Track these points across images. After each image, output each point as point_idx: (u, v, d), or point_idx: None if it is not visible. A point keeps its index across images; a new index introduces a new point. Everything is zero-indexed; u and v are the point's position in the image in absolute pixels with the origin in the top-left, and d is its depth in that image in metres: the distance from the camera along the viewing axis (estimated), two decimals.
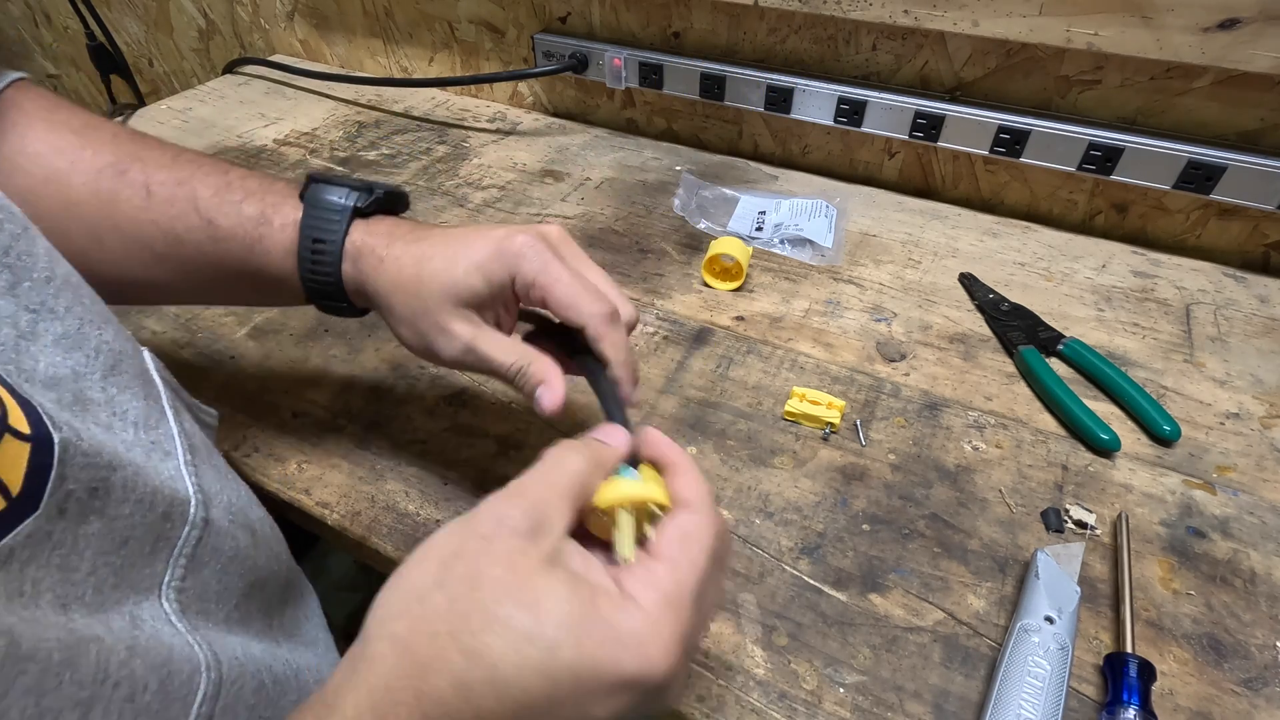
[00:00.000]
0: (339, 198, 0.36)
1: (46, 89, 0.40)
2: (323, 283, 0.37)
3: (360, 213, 0.37)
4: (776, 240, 0.66)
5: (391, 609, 0.23)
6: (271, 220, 0.37)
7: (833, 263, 0.64)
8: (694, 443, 0.49)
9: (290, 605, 0.41)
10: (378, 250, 0.36)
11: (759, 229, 0.67)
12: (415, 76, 0.96)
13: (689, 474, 0.28)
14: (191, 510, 0.30)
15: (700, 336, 0.57)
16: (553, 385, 0.34)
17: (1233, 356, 0.55)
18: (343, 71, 0.99)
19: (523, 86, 0.90)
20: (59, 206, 0.37)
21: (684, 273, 0.64)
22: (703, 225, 0.68)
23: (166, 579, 0.29)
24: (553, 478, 0.26)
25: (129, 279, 0.39)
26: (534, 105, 0.91)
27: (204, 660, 0.28)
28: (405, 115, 0.89)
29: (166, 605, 0.29)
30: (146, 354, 0.33)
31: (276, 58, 1.03)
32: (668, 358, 0.55)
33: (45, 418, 0.23)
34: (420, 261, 0.35)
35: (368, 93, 0.94)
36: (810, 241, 0.65)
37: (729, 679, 0.37)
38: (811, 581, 0.41)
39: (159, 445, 0.31)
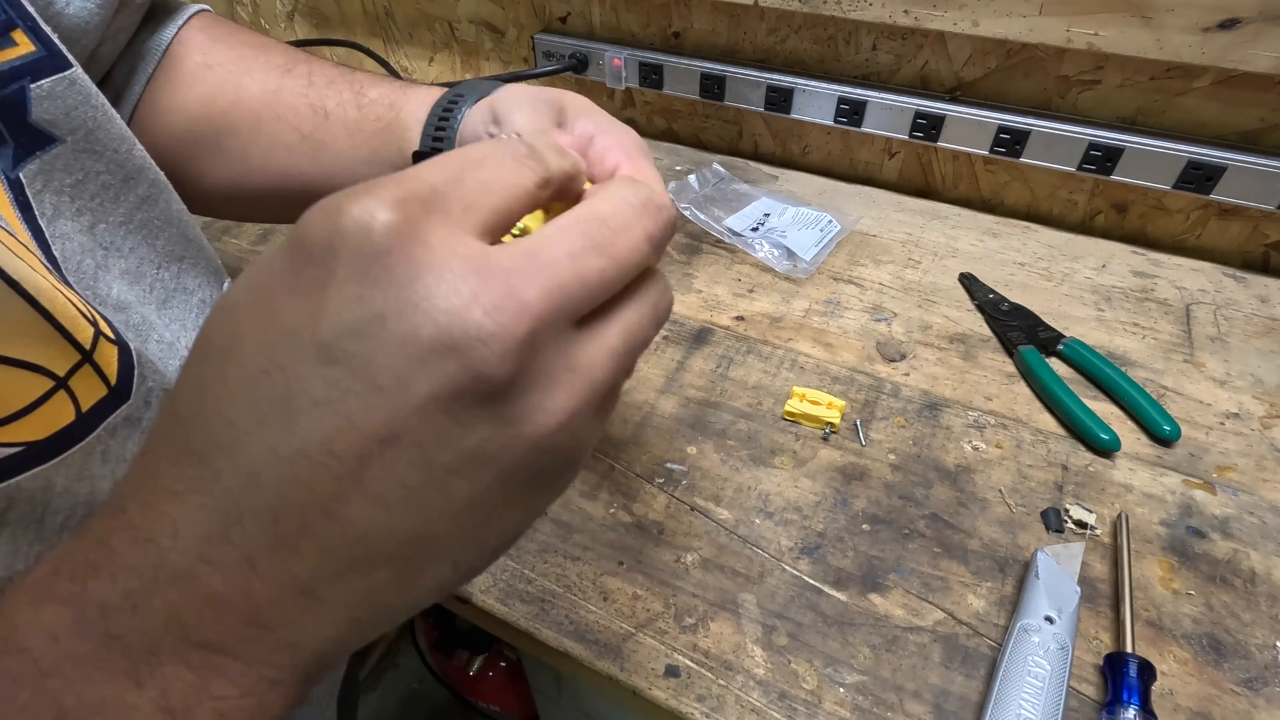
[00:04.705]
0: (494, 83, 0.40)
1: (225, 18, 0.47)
2: (445, 129, 0.38)
3: None
4: (757, 241, 0.65)
5: None
6: (417, 87, 0.42)
7: (801, 275, 0.63)
8: (694, 443, 0.49)
9: None
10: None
11: (754, 229, 0.67)
12: (415, 77, 0.95)
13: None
14: None
15: (700, 336, 0.57)
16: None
17: (1233, 356, 0.55)
18: None
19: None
20: (230, 103, 0.42)
21: (684, 272, 0.64)
22: (702, 217, 0.68)
23: None
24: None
25: (275, 169, 0.43)
26: None
27: None
28: None
29: None
30: (227, 285, 0.39)
31: None
32: (668, 358, 0.55)
33: (117, 331, 0.29)
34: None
35: None
36: (790, 250, 0.64)
37: (729, 679, 0.37)
38: (811, 581, 0.41)
39: None
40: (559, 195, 0.20)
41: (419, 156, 0.39)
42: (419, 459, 0.16)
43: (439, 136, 0.38)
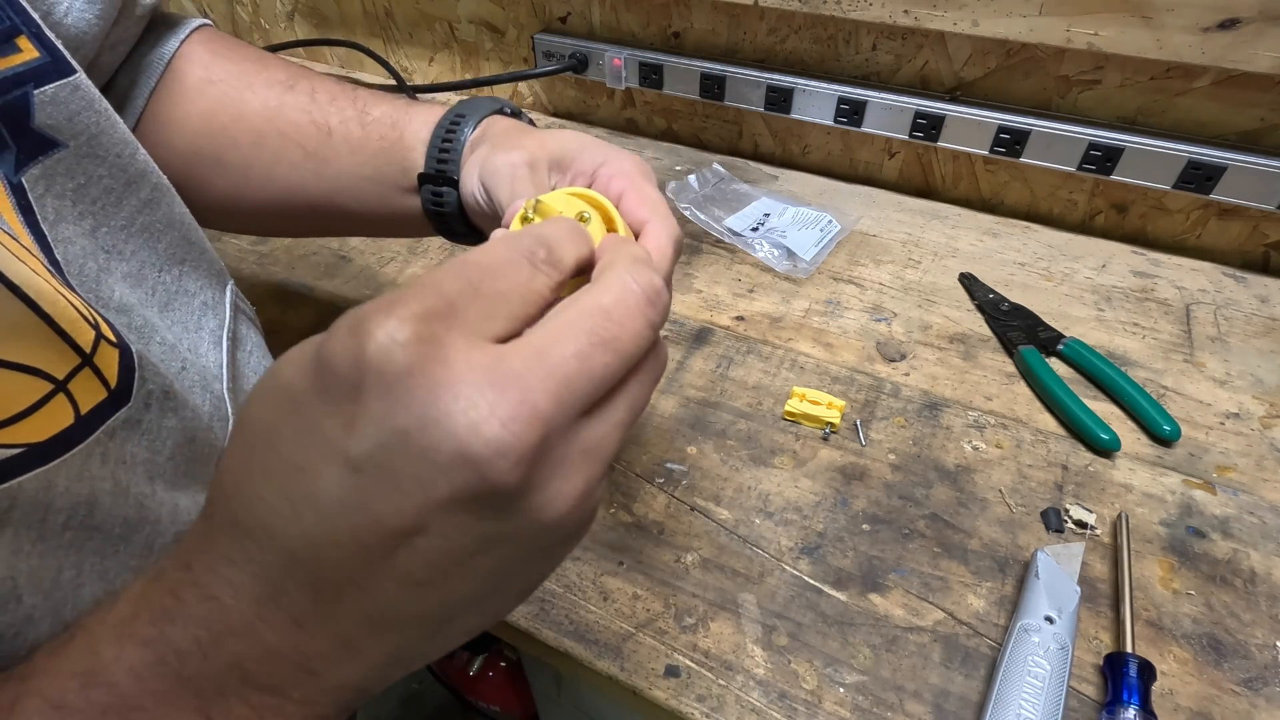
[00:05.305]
0: (493, 101, 0.41)
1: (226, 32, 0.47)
2: (448, 151, 0.39)
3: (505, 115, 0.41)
4: (757, 241, 0.66)
5: None
6: (419, 106, 0.42)
7: (801, 275, 0.63)
8: (694, 443, 0.49)
9: None
10: (513, 128, 0.38)
11: (754, 229, 0.67)
12: (415, 78, 0.96)
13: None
14: (226, 433, 0.35)
15: (700, 336, 0.57)
16: None
17: (1233, 356, 0.55)
18: (343, 72, 0.99)
19: (523, 87, 0.90)
20: (232, 119, 0.42)
21: (684, 272, 0.64)
22: (702, 217, 0.68)
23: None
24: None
25: (278, 184, 0.43)
26: (534, 105, 0.91)
27: None
28: None
29: None
30: (229, 287, 0.40)
31: None
32: (668, 357, 0.55)
33: (118, 334, 0.29)
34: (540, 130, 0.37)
35: None
36: (790, 250, 0.64)
37: (729, 679, 0.37)
38: (811, 581, 0.41)
39: (207, 370, 0.36)
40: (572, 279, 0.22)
41: (424, 179, 0.39)
42: (443, 545, 0.18)
43: (443, 159, 0.39)
